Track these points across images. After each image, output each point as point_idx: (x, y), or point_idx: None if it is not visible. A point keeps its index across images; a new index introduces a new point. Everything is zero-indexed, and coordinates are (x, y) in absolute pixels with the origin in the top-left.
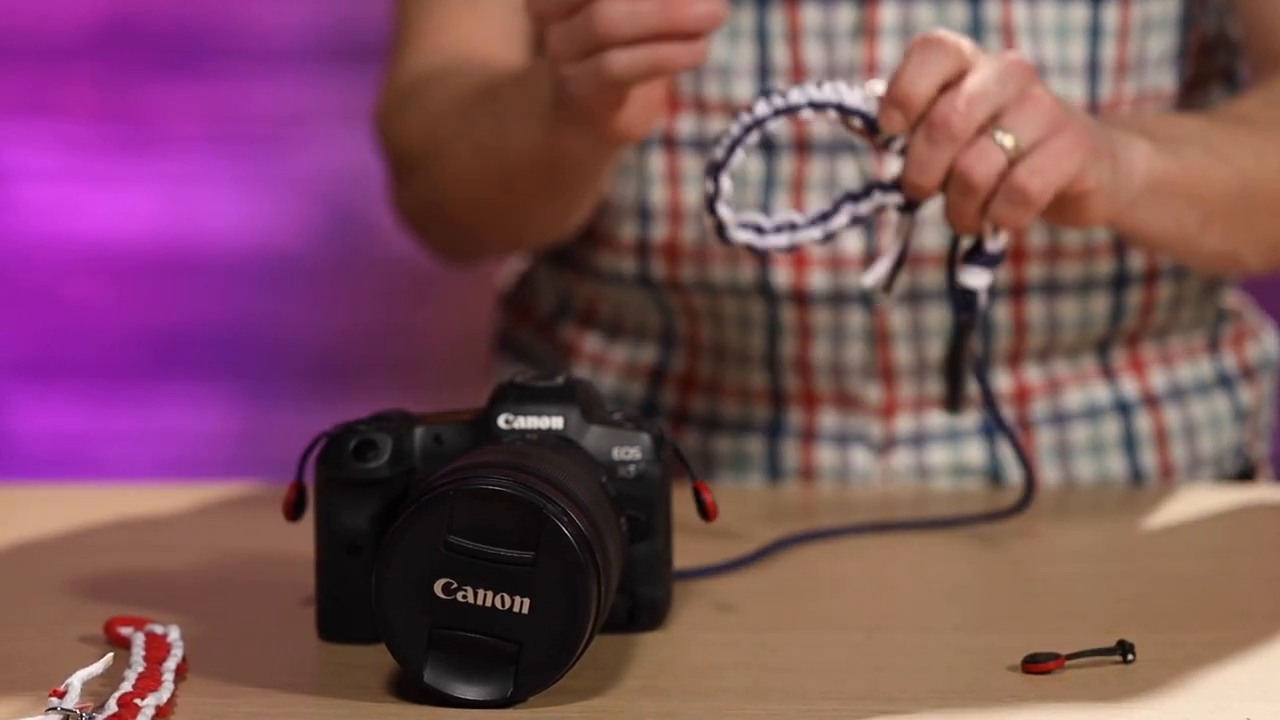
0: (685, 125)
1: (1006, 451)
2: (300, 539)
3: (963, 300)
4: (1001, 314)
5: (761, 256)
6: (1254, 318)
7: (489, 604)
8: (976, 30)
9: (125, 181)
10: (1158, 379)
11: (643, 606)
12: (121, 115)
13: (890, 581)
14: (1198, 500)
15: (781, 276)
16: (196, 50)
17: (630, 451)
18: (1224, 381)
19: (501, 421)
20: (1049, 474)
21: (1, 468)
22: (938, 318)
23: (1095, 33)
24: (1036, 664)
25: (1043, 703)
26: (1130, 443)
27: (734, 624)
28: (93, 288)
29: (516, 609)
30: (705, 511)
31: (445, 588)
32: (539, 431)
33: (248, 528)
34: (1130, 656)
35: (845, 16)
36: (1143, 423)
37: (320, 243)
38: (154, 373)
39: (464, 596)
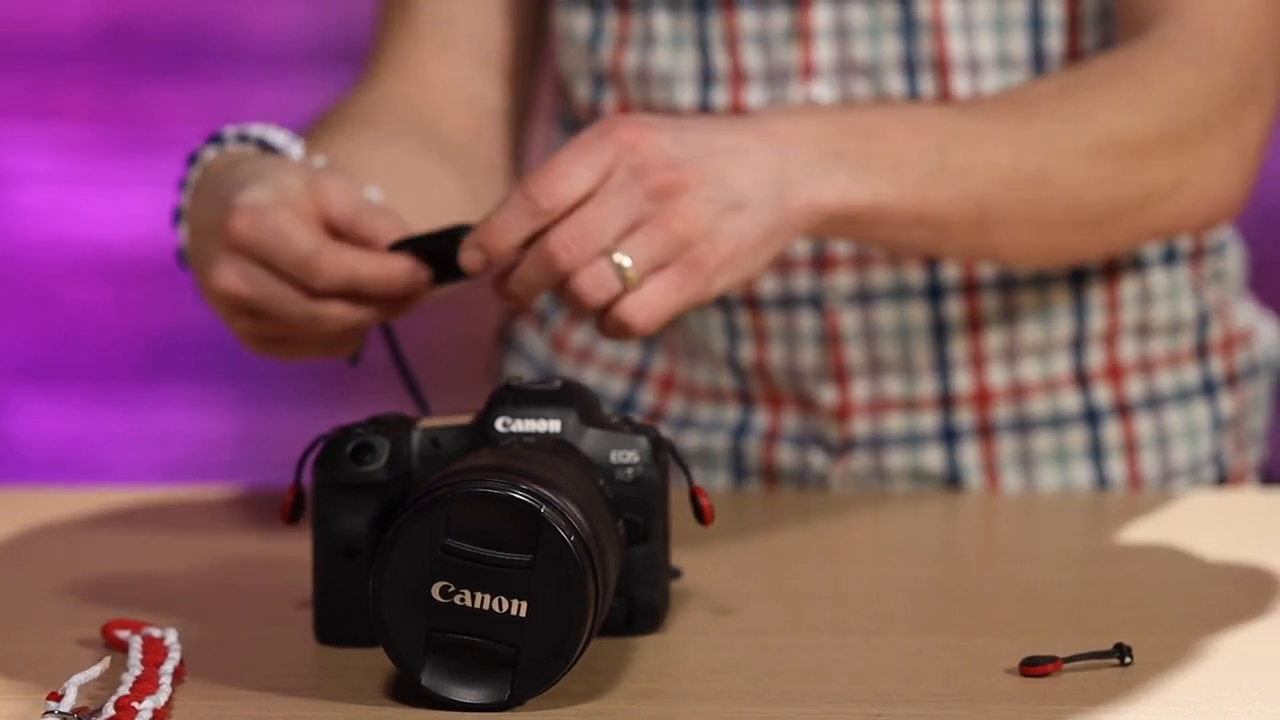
0: None
1: (966, 457)
2: (298, 542)
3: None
4: (955, 310)
5: None
6: (1248, 312)
7: (486, 607)
8: (909, 28)
9: (124, 184)
10: (1134, 387)
11: (640, 610)
12: (120, 118)
13: (888, 584)
14: (1190, 504)
15: None
16: (195, 53)
17: (628, 455)
18: (1208, 389)
19: (499, 425)
20: (1011, 482)
21: (0, 470)
22: (889, 318)
23: (1037, 25)
24: (1034, 667)
25: (1040, 705)
26: (1097, 452)
27: (732, 627)
28: (92, 290)
29: (514, 612)
30: (702, 515)
31: (443, 591)
32: (536, 435)
33: (246, 531)
34: (1128, 659)
35: (780, 20)
36: (1111, 432)
37: None
38: (153, 375)
39: (461, 599)
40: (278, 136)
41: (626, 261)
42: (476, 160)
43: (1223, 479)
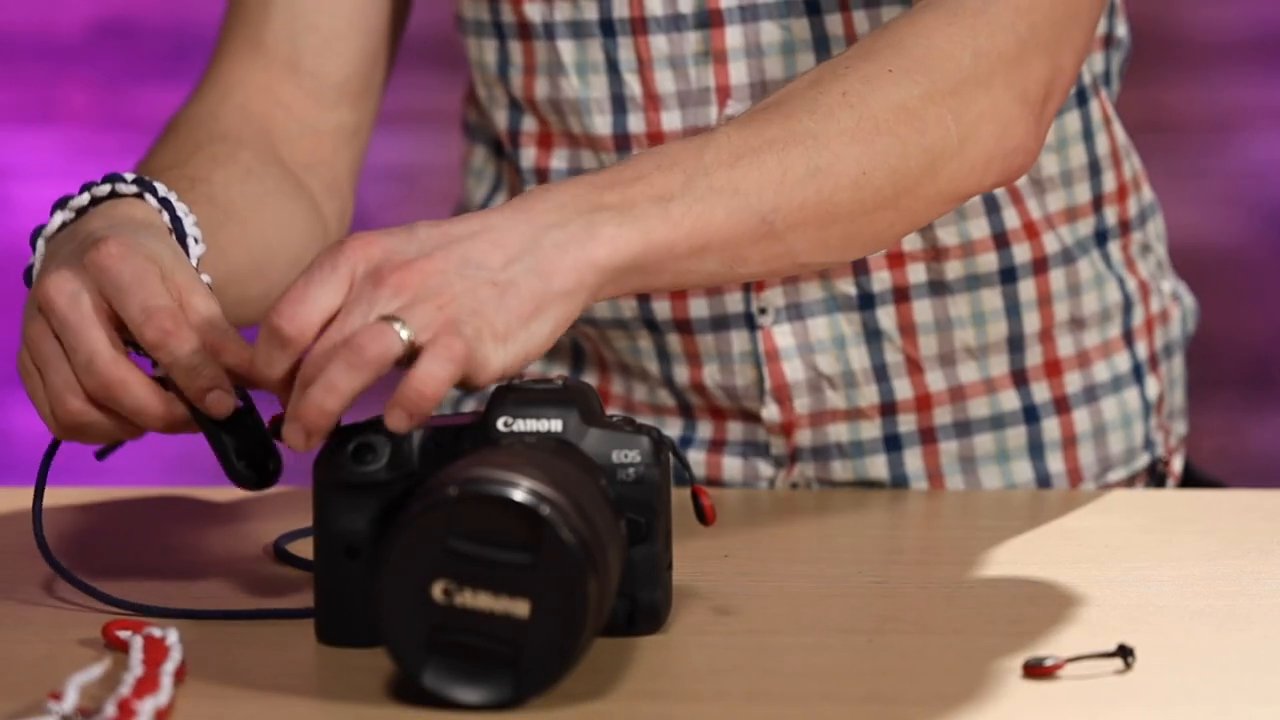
0: (558, 161)
1: (911, 464)
2: (299, 542)
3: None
4: (887, 319)
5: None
6: (1164, 289)
7: (488, 607)
8: (822, 44)
9: None
10: (1073, 382)
11: (642, 610)
12: (120, 118)
13: (892, 584)
14: (1191, 503)
15: (662, 307)
16: (195, 53)
17: (629, 455)
18: (1136, 374)
19: (501, 424)
20: (954, 483)
21: (0, 470)
22: (825, 331)
23: None
24: (1036, 667)
25: (1043, 706)
26: (1036, 448)
27: (733, 627)
28: None
29: (516, 612)
30: (703, 515)
31: (444, 591)
32: (538, 434)
33: (247, 530)
34: (1130, 660)
35: (691, 42)
36: (1050, 427)
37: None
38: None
39: (463, 600)
40: (186, 221)
41: (400, 324)
42: (324, 183)
43: (1155, 464)
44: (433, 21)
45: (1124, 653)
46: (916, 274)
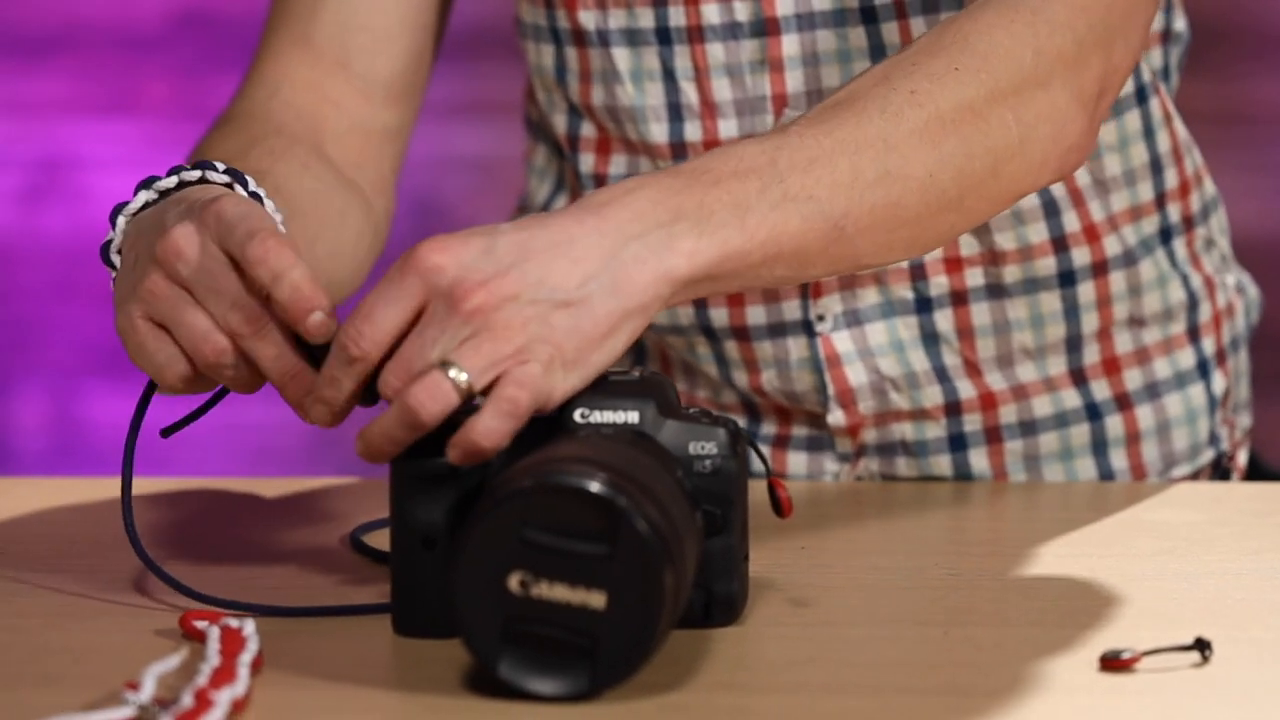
0: (616, 168)
1: (976, 463)
2: (375, 533)
3: None
4: (944, 323)
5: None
6: (1228, 283)
7: (564, 598)
8: (878, 51)
9: None
10: (1133, 379)
11: (718, 601)
12: (198, 108)
13: (966, 576)
14: (1266, 495)
15: (719, 315)
16: None
17: (706, 446)
18: (1202, 370)
19: (577, 415)
20: (1018, 481)
21: (77, 461)
22: (883, 336)
23: None
24: (1112, 660)
25: (1119, 699)
26: (1100, 445)
27: (809, 619)
28: None
29: (592, 604)
30: (780, 507)
31: (520, 582)
32: (615, 426)
33: (323, 521)
34: (1207, 653)
35: (748, 50)
36: (1113, 424)
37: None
38: None
39: (539, 591)
40: (275, 219)
41: (457, 370)
42: (372, 182)
43: (1219, 459)
44: (510, 13)
45: (1201, 646)
46: (974, 278)
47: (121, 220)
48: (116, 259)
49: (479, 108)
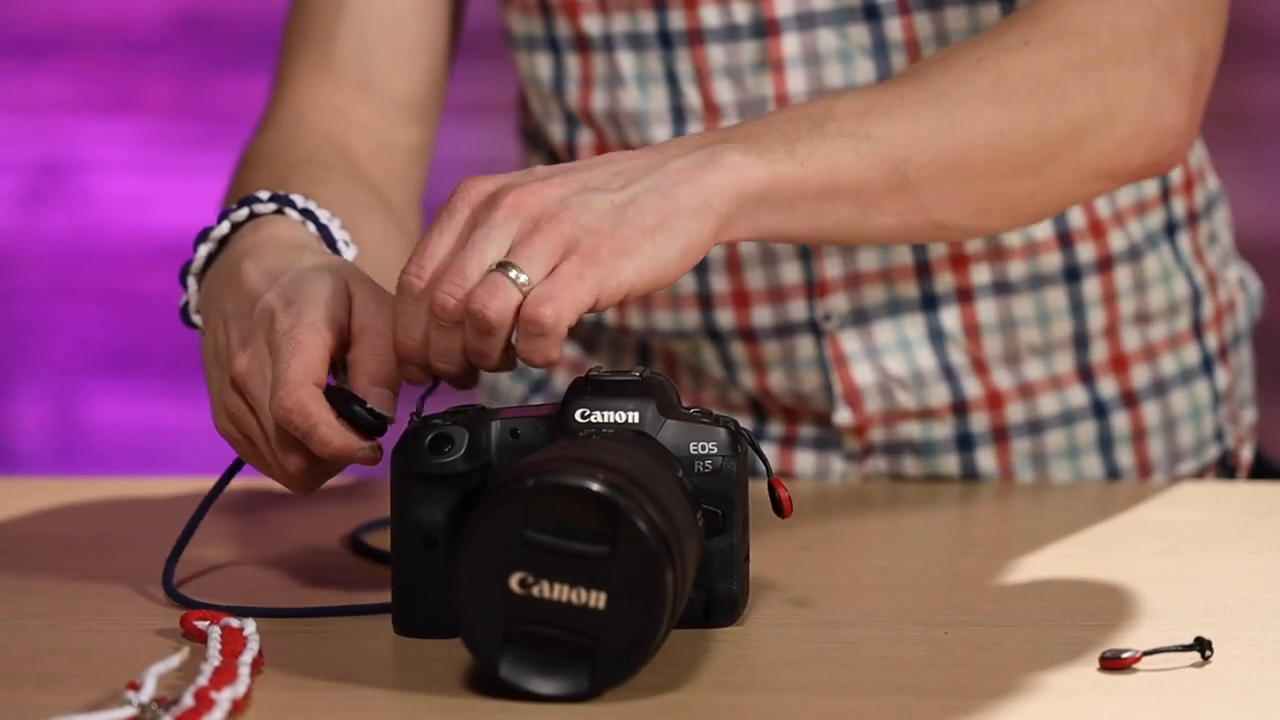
0: None
1: (983, 462)
2: (376, 533)
3: None
4: (951, 321)
5: (703, 300)
6: (1230, 278)
7: (565, 598)
8: (880, 49)
9: (204, 175)
10: (1140, 376)
11: (718, 601)
12: (200, 109)
13: (968, 576)
14: (1267, 495)
15: (725, 317)
16: (274, 45)
17: (707, 446)
18: (1206, 366)
19: (578, 415)
20: (1024, 479)
21: (80, 460)
22: (890, 334)
23: None
24: (1113, 660)
25: (1120, 699)
26: (1106, 443)
27: (810, 619)
28: (172, 281)
29: (593, 604)
30: (780, 507)
31: (521, 582)
32: (616, 426)
33: (323, 522)
34: (1208, 654)
35: (749, 51)
36: (1119, 422)
37: None
38: None
39: (540, 591)
40: (332, 227)
41: (514, 270)
42: (402, 201)
43: (1224, 455)
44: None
45: (1202, 645)
46: (980, 275)
47: (191, 282)
48: (197, 318)
49: (479, 109)
